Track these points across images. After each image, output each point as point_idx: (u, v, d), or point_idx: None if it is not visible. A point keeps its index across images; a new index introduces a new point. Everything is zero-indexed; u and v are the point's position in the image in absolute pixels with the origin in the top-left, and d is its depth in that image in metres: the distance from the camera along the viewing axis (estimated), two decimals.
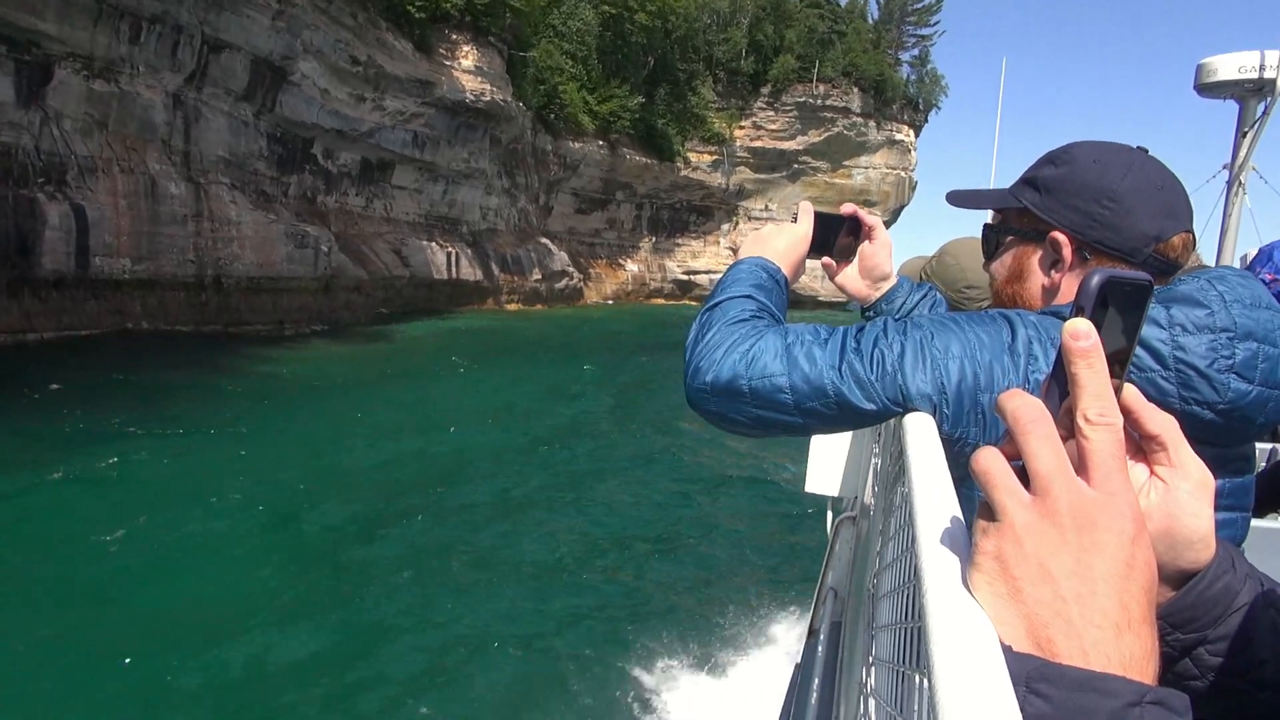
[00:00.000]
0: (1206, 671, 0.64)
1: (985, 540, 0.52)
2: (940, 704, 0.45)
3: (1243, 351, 1.00)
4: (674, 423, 16.30)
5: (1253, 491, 1.15)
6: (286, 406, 16.02)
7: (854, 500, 3.04)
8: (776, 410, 1.08)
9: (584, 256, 56.51)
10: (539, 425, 16.02)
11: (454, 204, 39.40)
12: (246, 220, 22.63)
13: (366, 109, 32.28)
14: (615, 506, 11.36)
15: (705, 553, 9.54)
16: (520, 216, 46.48)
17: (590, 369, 23.50)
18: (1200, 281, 1.05)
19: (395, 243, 35.00)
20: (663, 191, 59.70)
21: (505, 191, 44.39)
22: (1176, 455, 0.60)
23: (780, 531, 10.31)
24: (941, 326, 1.06)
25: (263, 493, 10.66)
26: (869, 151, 62.26)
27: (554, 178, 50.24)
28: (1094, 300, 0.54)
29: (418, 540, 9.49)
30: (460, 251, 38.94)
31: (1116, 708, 0.45)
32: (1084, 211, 1.15)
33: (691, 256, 63.23)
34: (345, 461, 12.91)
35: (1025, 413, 0.52)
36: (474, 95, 36.22)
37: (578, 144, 50.44)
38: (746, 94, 60.30)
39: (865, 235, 1.48)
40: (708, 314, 1.20)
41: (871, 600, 1.24)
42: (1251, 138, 6.67)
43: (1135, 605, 0.49)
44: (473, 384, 20.12)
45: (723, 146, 59.87)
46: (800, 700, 2.08)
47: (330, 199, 32.26)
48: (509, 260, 43.15)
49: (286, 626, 7.29)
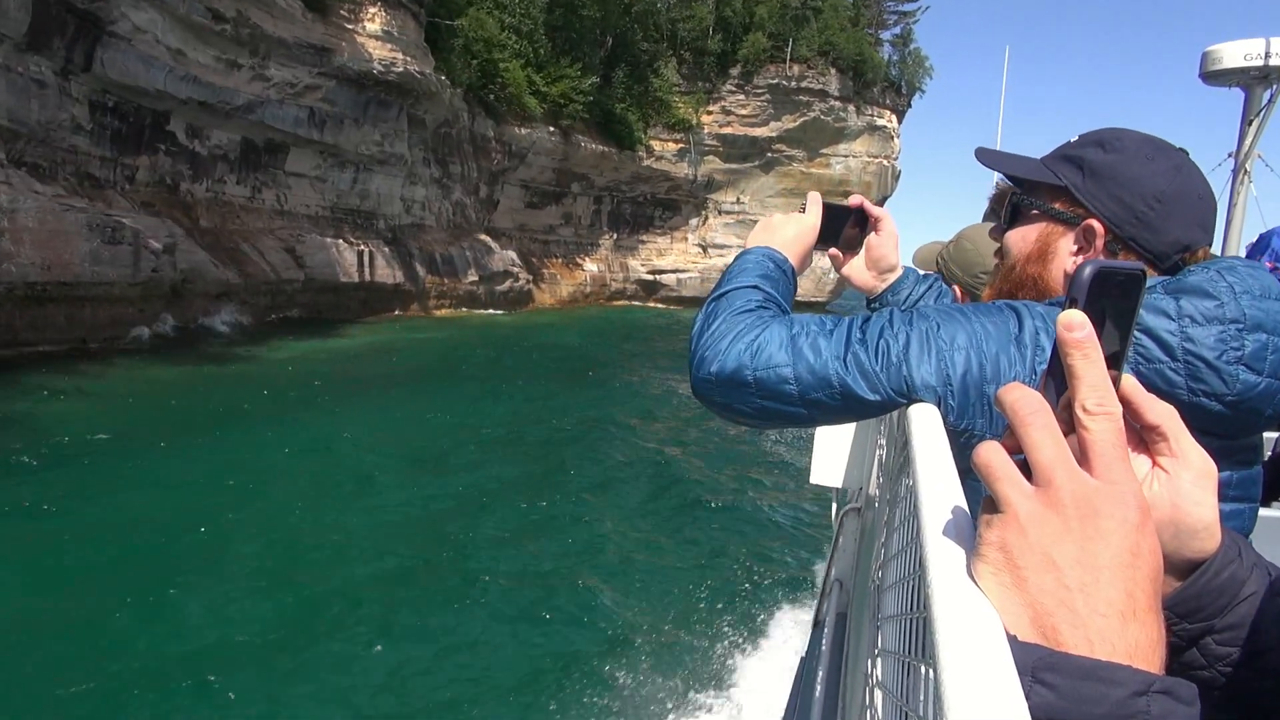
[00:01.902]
0: (1214, 661, 0.63)
1: (989, 531, 0.52)
2: (946, 695, 0.45)
3: (1252, 343, 1.00)
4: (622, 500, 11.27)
5: (1260, 482, 1.14)
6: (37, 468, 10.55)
7: (859, 492, 3.10)
8: (781, 401, 1.07)
9: (536, 255, 51.09)
10: (381, 515, 10.57)
11: (367, 195, 33.83)
12: (26, 208, 16.89)
13: (242, 78, 26.72)
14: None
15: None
16: (455, 210, 40.97)
17: (506, 405, 18.03)
18: (1210, 272, 1.04)
19: (290, 239, 29.44)
20: (623, 183, 54.36)
21: (436, 182, 38.89)
22: (1178, 445, 0.60)
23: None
24: (948, 317, 1.06)
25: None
26: (848, 138, 57.21)
27: (498, 167, 44.79)
28: (1086, 291, 0.54)
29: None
30: (375, 250, 33.41)
31: (1122, 697, 0.45)
32: (1128, 206, 1.14)
33: (657, 254, 57.92)
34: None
35: (1024, 405, 0.52)
36: (383, 65, 30.71)
37: (524, 130, 45.02)
38: (714, 76, 55.06)
39: (872, 227, 1.48)
40: (714, 304, 1.19)
41: (877, 591, 1.26)
42: (1257, 125, 6.64)
43: (1140, 593, 0.49)
44: (321, 430, 14.66)
45: (688, 134, 54.61)
46: (806, 691, 2.15)
47: (199, 187, 26.66)
48: (439, 260, 37.63)
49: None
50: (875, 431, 2.54)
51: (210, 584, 7.92)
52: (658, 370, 24.54)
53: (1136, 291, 0.55)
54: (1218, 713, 0.63)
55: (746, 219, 58.33)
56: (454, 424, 15.54)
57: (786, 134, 55.86)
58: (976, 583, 0.52)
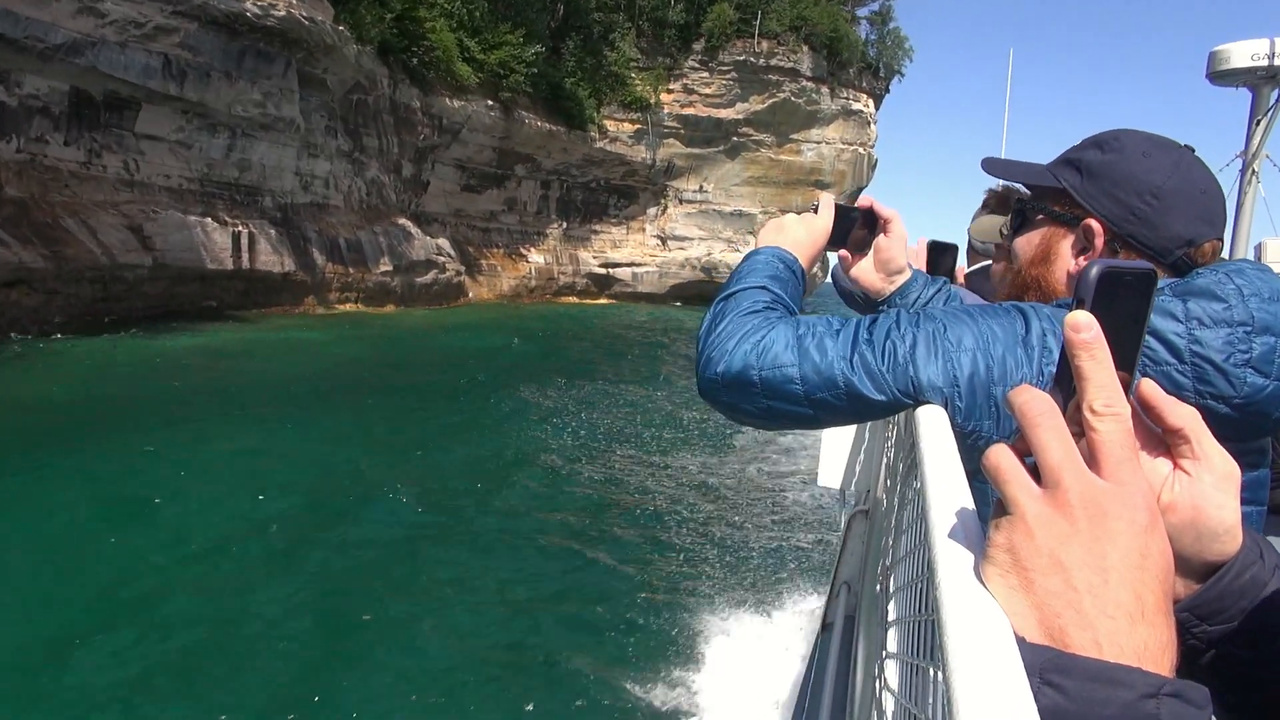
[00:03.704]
0: (1234, 663, 0.63)
1: (997, 534, 0.52)
2: (956, 697, 0.45)
3: (1260, 346, 0.99)
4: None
5: (1268, 485, 1.15)
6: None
7: (866, 494, 3.08)
8: (787, 401, 1.07)
9: (474, 245, 45.84)
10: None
11: (248, 166, 28.39)
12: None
13: (64, 10, 21.29)
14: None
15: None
16: (371, 190, 35.61)
17: (359, 457, 12.87)
18: (1218, 275, 1.04)
19: (138, 216, 24.01)
20: (574, 167, 49.27)
21: (344, 155, 33.52)
22: (1200, 447, 0.59)
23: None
24: (955, 318, 1.06)
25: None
26: (821, 123, 52.58)
27: (425, 143, 39.46)
28: (1094, 292, 0.53)
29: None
30: (258, 232, 28.03)
31: (1131, 699, 0.44)
32: (1124, 203, 1.15)
33: (611, 246, 52.91)
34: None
35: (1033, 406, 0.52)
36: (260, 7, 25.36)
37: (457, 102, 39.76)
38: (675, 51, 50.08)
39: (881, 228, 1.48)
40: (721, 304, 1.19)
41: (885, 594, 1.26)
42: (1265, 126, 6.66)
43: (1150, 595, 0.48)
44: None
45: (646, 114, 49.61)
46: (815, 693, 2.15)
47: (6, 146, 21.21)
48: (344, 246, 32.29)
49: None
50: (883, 433, 2.50)
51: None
52: (596, 381, 19.49)
53: (1147, 291, 0.54)
54: (1235, 715, 0.62)
55: (709, 209, 53.49)
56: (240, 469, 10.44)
57: (754, 116, 51.08)
58: (985, 585, 0.52)
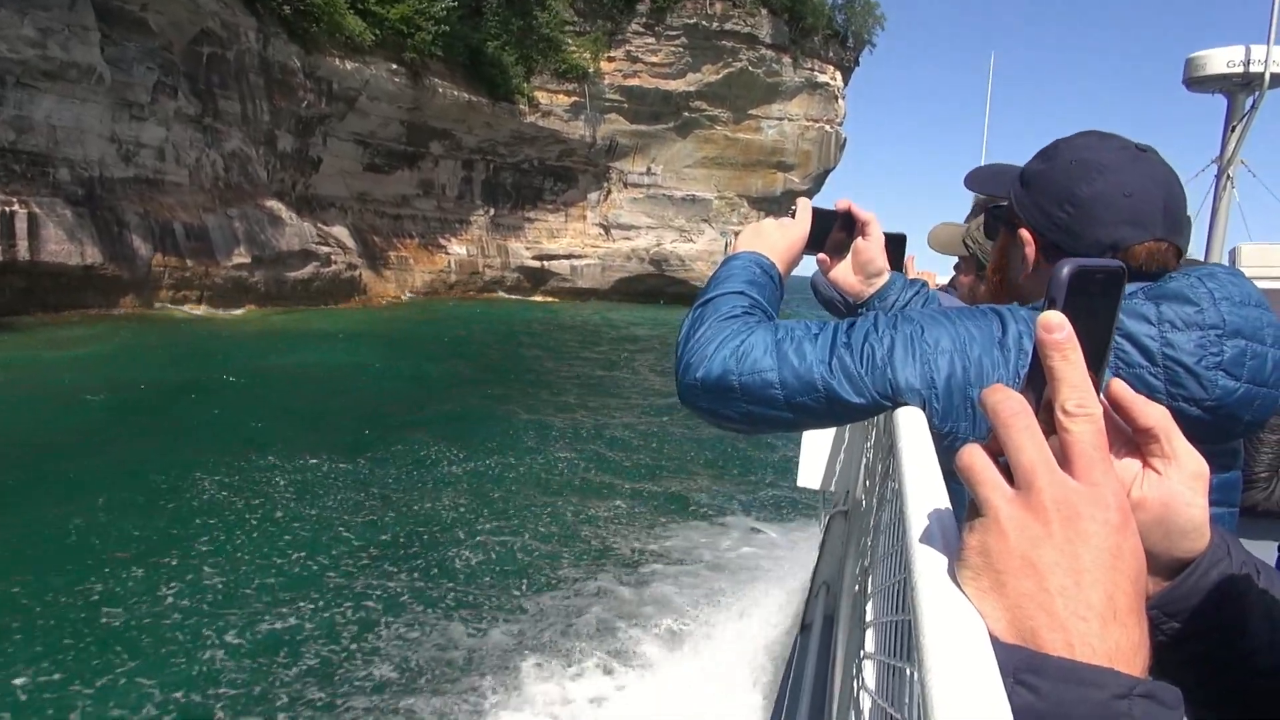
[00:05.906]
0: (1203, 660, 0.63)
1: (971, 535, 0.52)
2: (931, 697, 0.46)
3: (1231, 349, 1.01)
4: None
5: (1240, 487, 1.16)
6: None
7: (846, 495, 3.04)
8: (767, 405, 1.08)
9: (383, 234, 39.52)
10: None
11: (30, 126, 21.90)
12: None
13: None
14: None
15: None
16: (231, 165, 29.15)
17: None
18: (1190, 279, 1.06)
19: None
20: (501, 145, 43.03)
21: (190, 121, 27.08)
22: (1170, 446, 0.59)
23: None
24: (932, 321, 1.07)
25: None
26: (783, 97, 46.79)
27: (311, 112, 33.07)
28: (1065, 291, 0.53)
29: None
30: (46, 213, 21.61)
31: (1104, 699, 0.45)
32: (1046, 213, 1.17)
33: (548, 236, 46.76)
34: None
35: (1006, 406, 0.52)
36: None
37: (350, 64, 33.40)
38: (617, 13, 43.87)
39: (859, 230, 1.48)
40: (700, 309, 1.20)
41: (864, 594, 1.26)
42: (1240, 132, 6.81)
43: (1122, 596, 0.49)
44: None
45: (584, 84, 43.42)
46: (793, 693, 2.17)
47: None
48: (180, 232, 25.86)
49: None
50: (862, 435, 2.56)
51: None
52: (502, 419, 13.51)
53: (1117, 289, 0.54)
54: (1207, 713, 0.62)
55: (659, 193, 47.48)
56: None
57: (707, 89, 45.13)
58: (960, 587, 0.52)
